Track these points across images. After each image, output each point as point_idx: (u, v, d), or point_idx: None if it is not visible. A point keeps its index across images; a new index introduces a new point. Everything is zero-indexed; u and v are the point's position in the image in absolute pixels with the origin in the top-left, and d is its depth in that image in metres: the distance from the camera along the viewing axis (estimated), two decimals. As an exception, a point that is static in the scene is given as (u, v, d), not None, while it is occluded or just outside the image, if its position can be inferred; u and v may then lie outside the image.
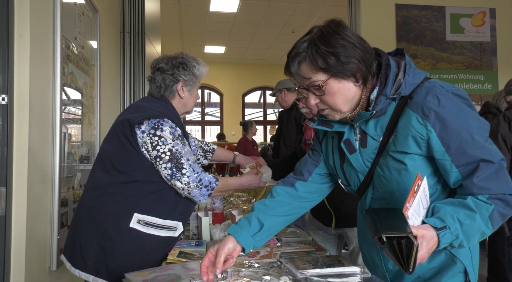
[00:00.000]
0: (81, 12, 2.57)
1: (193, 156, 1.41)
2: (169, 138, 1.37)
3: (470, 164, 0.88)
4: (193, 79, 1.53)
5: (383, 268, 1.07)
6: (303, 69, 0.95)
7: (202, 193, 1.39)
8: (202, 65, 1.57)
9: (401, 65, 0.97)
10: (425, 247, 0.81)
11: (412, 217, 0.83)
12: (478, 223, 0.86)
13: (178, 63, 1.52)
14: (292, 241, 1.42)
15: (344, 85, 0.94)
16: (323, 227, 1.85)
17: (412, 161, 0.93)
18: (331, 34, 0.93)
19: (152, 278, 0.98)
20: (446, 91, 0.91)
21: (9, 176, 1.75)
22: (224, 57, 10.00)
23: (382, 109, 0.96)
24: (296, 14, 7.15)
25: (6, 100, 1.75)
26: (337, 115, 0.99)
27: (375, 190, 1.03)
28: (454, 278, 0.98)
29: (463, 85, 4.45)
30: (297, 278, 0.97)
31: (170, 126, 1.38)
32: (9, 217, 1.74)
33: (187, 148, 1.40)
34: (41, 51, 1.96)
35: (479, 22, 4.50)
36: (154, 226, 1.36)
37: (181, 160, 1.36)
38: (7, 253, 1.73)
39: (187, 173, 1.35)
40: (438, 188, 0.98)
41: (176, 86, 1.51)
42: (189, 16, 7.23)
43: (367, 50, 0.94)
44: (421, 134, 0.91)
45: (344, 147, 1.03)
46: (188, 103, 1.57)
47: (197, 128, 10.96)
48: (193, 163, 1.39)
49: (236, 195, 2.66)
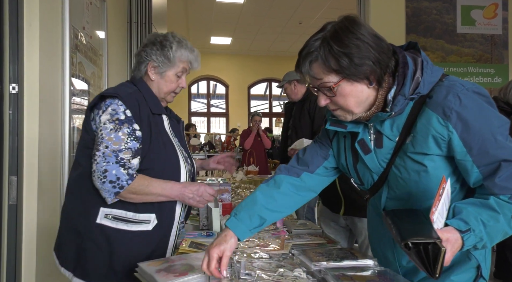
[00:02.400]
0: (89, 2, 2.55)
1: (123, 145, 1.19)
2: (103, 121, 1.21)
3: (492, 164, 0.86)
4: (165, 61, 1.33)
5: (396, 265, 1.06)
6: (315, 69, 0.91)
7: (105, 188, 1.16)
8: (185, 49, 1.36)
9: (418, 62, 0.93)
10: (449, 251, 0.80)
11: (437, 220, 0.81)
12: (502, 224, 0.85)
13: (157, 41, 1.35)
14: (303, 233, 1.41)
15: (356, 88, 0.91)
16: (334, 219, 1.85)
17: (432, 162, 0.91)
18: (345, 32, 0.88)
19: (166, 268, 0.98)
20: (467, 90, 0.88)
21: (19, 166, 1.76)
22: (230, 48, 9.94)
23: (401, 109, 0.92)
24: (304, 5, 7.07)
25: (17, 89, 1.75)
26: (349, 116, 0.96)
27: (391, 189, 1.01)
28: (466, 273, 0.98)
29: (473, 79, 4.39)
30: (311, 270, 0.97)
31: (113, 108, 1.22)
32: (20, 205, 1.76)
33: (118, 135, 1.19)
34: (50, 40, 1.96)
35: (490, 14, 4.42)
36: (124, 220, 1.23)
37: (99, 146, 1.19)
38: (18, 240, 1.75)
39: (97, 159, 1.17)
40: (457, 187, 0.97)
41: (145, 66, 1.35)
42: (195, 7, 7.18)
43: (383, 50, 0.90)
44: (442, 135, 0.88)
45: (359, 148, 1.00)
46: (160, 87, 1.36)
47: (203, 119, 10.96)
48: (112, 152, 1.17)
49: (243, 186, 2.67)
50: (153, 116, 1.29)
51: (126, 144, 1.20)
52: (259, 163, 5.63)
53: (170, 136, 1.35)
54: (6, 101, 1.74)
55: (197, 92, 10.92)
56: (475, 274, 0.98)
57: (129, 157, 1.20)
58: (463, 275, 0.98)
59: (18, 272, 1.76)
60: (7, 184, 1.74)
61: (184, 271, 0.96)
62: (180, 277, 0.92)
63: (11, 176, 1.74)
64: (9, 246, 1.74)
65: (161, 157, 1.28)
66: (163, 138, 1.30)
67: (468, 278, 0.98)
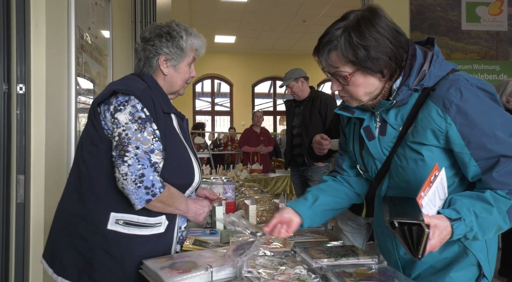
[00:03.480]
0: (94, 2, 2.58)
1: (152, 146, 1.13)
2: (124, 120, 1.12)
3: (490, 159, 0.88)
4: (178, 52, 1.26)
5: (395, 255, 1.08)
6: (332, 58, 0.96)
7: (138, 193, 1.08)
8: (194, 36, 1.30)
9: (427, 55, 0.96)
10: (437, 236, 0.82)
11: (427, 206, 0.84)
12: (495, 217, 0.86)
13: (163, 32, 1.26)
14: (305, 231, 1.43)
15: (369, 80, 0.96)
16: (353, 217, 1.84)
17: (430, 152, 0.94)
18: (367, 25, 0.92)
19: (170, 265, 1.00)
20: (470, 85, 0.90)
21: (27, 165, 1.79)
22: (234, 47, 9.95)
23: (403, 99, 0.96)
24: (307, 3, 7.06)
25: (24, 89, 1.78)
26: (355, 103, 1.02)
27: (391, 179, 1.04)
28: (465, 270, 0.98)
29: (478, 76, 4.36)
30: (312, 267, 0.98)
31: (133, 105, 1.14)
32: (27, 204, 1.79)
33: (144, 135, 1.12)
34: (56, 41, 1.98)
35: (496, 11, 4.38)
36: (136, 225, 1.15)
37: (127, 147, 1.09)
38: (26, 238, 1.79)
39: (128, 161, 1.08)
40: (456, 180, 0.98)
41: (156, 60, 1.26)
42: (199, 6, 7.20)
43: (401, 44, 0.94)
44: (440, 127, 0.91)
45: (363, 134, 1.05)
46: (174, 81, 1.29)
47: (207, 118, 11.00)
48: (145, 154, 1.10)
49: (247, 185, 2.68)
50: (164, 115, 1.23)
51: (153, 145, 1.13)
52: (262, 161, 5.65)
53: (180, 136, 1.28)
54: (13, 101, 1.77)
55: (201, 91, 10.95)
56: (476, 273, 0.98)
57: (160, 160, 1.14)
58: (463, 273, 0.98)
59: (26, 270, 1.79)
60: (15, 182, 1.78)
61: (187, 268, 0.97)
62: (184, 274, 0.94)
63: (18, 175, 1.78)
64: (17, 244, 1.77)
65: (175, 158, 1.21)
66: (175, 138, 1.24)
67: (469, 277, 0.98)
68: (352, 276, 0.88)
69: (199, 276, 0.94)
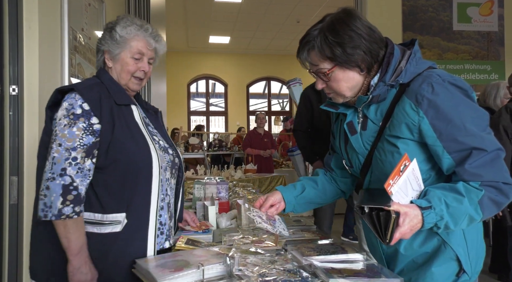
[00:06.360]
0: (88, 3, 2.58)
1: (78, 141, 1.10)
2: (58, 117, 1.14)
3: (462, 151, 0.91)
4: (113, 43, 1.26)
5: (379, 249, 1.12)
6: (312, 57, 1.02)
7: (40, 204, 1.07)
8: (129, 27, 1.27)
9: (405, 54, 1.01)
10: (407, 224, 0.85)
11: (397, 194, 0.86)
12: (466, 207, 0.89)
13: (107, 27, 1.29)
14: (297, 229, 1.45)
15: (348, 74, 1.01)
16: None
17: (405, 145, 0.98)
18: (340, 24, 0.97)
19: (162, 264, 1.01)
20: (442, 80, 0.94)
21: (20, 166, 1.79)
22: (228, 47, 9.96)
23: (380, 94, 1.01)
24: (302, 3, 7.09)
25: (17, 91, 1.78)
26: (340, 99, 1.07)
27: (373, 172, 1.08)
28: (445, 265, 1.00)
29: (469, 76, 4.41)
30: (302, 264, 1.00)
31: (70, 102, 1.14)
32: (21, 205, 1.79)
33: (72, 130, 1.11)
34: (49, 42, 1.99)
35: (487, 11, 4.44)
36: (93, 223, 1.13)
37: (52, 143, 1.11)
38: (19, 240, 1.79)
39: (49, 159, 1.09)
40: (432, 174, 1.01)
41: (101, 55, 1.30)
42: (193, 6, 7.20)
43: (375, 40, 0.99)
44: (413, 120, 0.95)
45: (346, 128, 1.10)
46: (118, 73, 1.28)
47: (202, 118, 10.99)
48: (65, 151, 1.08)
49: (241, 185, 2.70)
50: (118, 107, 1.21)
51: (81, 140, 1.12)
52: (263, 161, 5.59)
53: (141, 127, 1.25)
54: (6, 102, 1.77)
55: (196, 91, 10.94)
56: (457, 269, 1.00)
57: (81, 158, 1.11)
58: (444, 267, 1.00)
59: (19, 272, 1.79)
60: (8, 184, 1.78)
61: (179, 266, 0.99)
62: (176, 272, 0.95)
63: (12, 176, 1.78)
64: (10, 246, 1.77)
65: (129, 148, 1.17)
66: (131, 129, 1.21)
67: (450, 273, 1.00)
68: (341, 273, 0.90)
69: (191, 274, 0.96)
